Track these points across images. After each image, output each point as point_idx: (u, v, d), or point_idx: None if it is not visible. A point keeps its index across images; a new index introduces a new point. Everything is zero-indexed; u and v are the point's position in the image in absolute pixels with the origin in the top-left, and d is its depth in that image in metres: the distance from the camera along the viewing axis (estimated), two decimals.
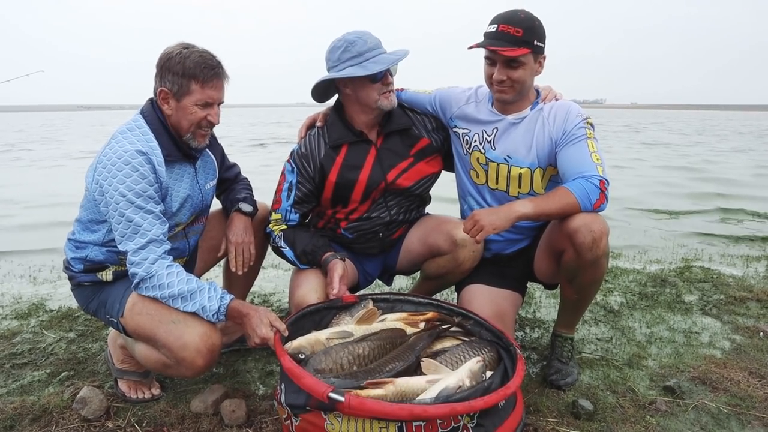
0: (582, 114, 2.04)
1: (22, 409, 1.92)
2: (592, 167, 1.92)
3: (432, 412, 1.35)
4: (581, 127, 2.01)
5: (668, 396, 2.06)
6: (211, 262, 2.28)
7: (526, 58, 1.95)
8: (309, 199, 2.20)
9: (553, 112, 2.07)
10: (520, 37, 1.93)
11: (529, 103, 2.13)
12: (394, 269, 2.44)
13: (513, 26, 1.93)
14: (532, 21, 1.96)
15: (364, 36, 2.04)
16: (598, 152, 1.98)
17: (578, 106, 2.08)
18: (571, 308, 2.18)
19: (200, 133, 1.85)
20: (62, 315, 2.86)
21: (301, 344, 1.72)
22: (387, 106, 2.09)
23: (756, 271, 3.79)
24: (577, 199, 1.87)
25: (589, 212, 1.88)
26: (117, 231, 1.73)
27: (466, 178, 2.28)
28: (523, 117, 2.12)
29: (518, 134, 2.11)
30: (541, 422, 1.87)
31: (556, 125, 2.04)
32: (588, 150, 1.97)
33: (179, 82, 1.75)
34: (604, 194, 1.89)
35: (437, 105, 2.29)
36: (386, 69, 2.03)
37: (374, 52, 2.03)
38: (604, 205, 1.90)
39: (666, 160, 12.51)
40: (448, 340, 1.88)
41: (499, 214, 1.86)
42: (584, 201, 1.87)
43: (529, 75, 2.01)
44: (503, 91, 2.04)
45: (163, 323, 1.73)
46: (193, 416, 1.90)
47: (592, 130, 2.03)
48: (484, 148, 2.17)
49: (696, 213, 6.25)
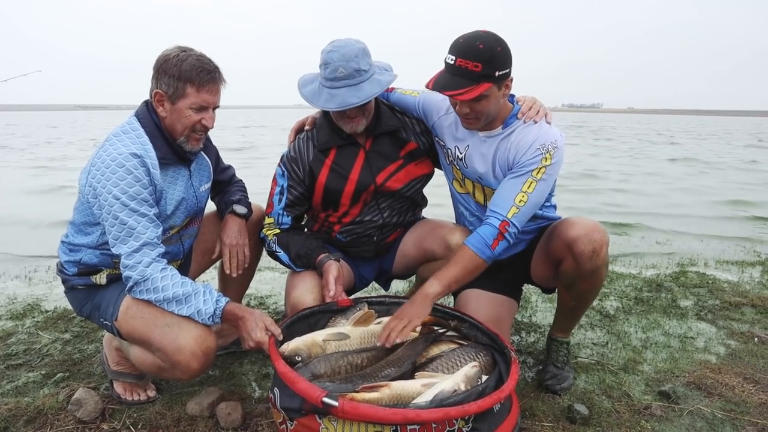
0: (545, 148, 1.90)
1: (16, 410, 1.91)
2: (506, 207, 1.88)
3: (425, 417, 1.36)
4: (533, 163, 1.90)
5: (663, 401, 2.06)
6: (205, 265, 2.28)
7: (489, 91, 1.82)
8: (300, 203, 2.20)
9: (518, 139, 1.96)
10: (479, 72, 1.77)
11: (500, 122, 2.01)
12: (390, 273, 2.44)
13: (471, 61, 1.77)
14: (491, 52, 1.78)
15: (343, 60, 1.91)
16: (530, 194, 1.88)
17: (552, 134, 1.93)
18: (568, 314, 2.18)
19: (194, 136, 1.85)
20: (58, 316, 2.85)
21: (298, 347, 1.71)
22: (348, 130, 2.07)
23: (751, 277, 3.80)
24: (474, 251, 1.86)
25: (587, 221, 1.86)
26: (111, 234, 1.73)
27: (451, 186, 2.28)
28: (494, 135, 2.02)
29: (488, 154, 2.03)
30: (537, 427, 1.87)
31: (517, 154, 1.94)
32: (520, 187, 1.89)
33: (175, 84, 1.75)
34: (503, 235, 1.86)
35: (421, 110, 2.25)
36: (359, 104, 1.92)
37: (340, 83, 1.92)
38: (502, 244, 1.87)
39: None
40: (444, 344, 1.88)
41: (416, 305, 1.82)
42: (482, 249, 1.86)
43: (494, 103, 1.89)
44: (470, 123, 1.96)
45: (158, 326, 1.73)
46: (189, 419, 1.89)
47: (543, 169, 1.90)
48: (458, 165, 2.14)
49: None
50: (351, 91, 1.93)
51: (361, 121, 2.05)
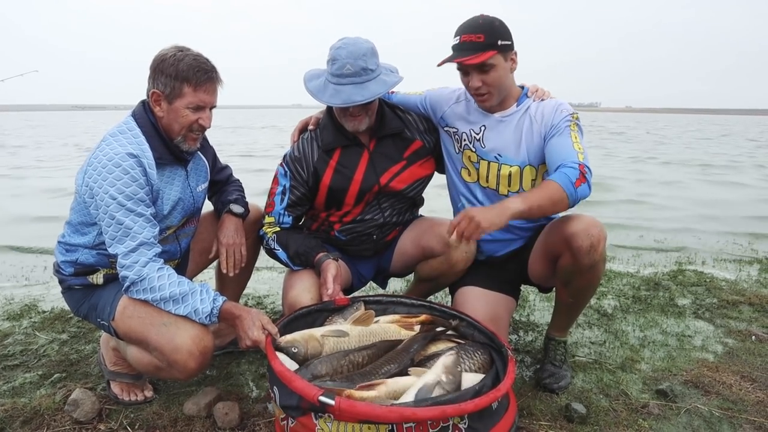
0: (568, 109, 2.07)
1: (12, 411, 1.90)
2: (573, 154, 1.94)
3: (422, 415, 1.35)
4: (567, 120, 2.03)
5: (661, 399, 2.06)
6: (202, 265, 2.27)
7: (495, 59, 1.96)
8: (302, 203, 2.20)
9: (540, 110, 2.09)
10: (483, 42, 1.94)
11: (513, 101, 2.15)
12: (388, 271, 2.44)
13: (474, 33, 1.95)
14: (491, 23, 1.97)
15: (351, 58, 1.94)
16: (581, 142, 2.00)
17: (565, 103, 2.10)
18: (565, 312, 2.18)
19: (191, 136, 1.85)
20: (55, 316, 2.84)
21: (295, 338, 1.71)
22: (350, 128, 2.08)
23: (748, 275, 3.81)
24: (559, 183, 1.84)
25: (586, 216, 1.88)
26: (107, 234, 1.72)
27: (457, 177, 2.28)
28: (510, 114, 2.14)
29: (507, 132, 2.13)
30: (534, 425, 1.87)
31: (545, 121, 2.06)
32: (570, 140, 1.99)
33: (172, 84, 1.75)
34: (584, 176, 1.87)
35: (428, 105, 2.31)
36: (363, 102, 1.94)
37: (346, 80, 1.95)
38: (585, 186, 1.86)
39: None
40: (442, 342, 1.88)
41: (493, 212, 1.78)
42: (566, 183, 1.84)
43: (503, 75, 2.02)
44: (483, 99, 2.07)
45: (155, 326, 1.73)
46: (186, 419, 1.89)
47: (577, 123, 2.05)
48: (474, 146, 2.18)
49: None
50: (356, 88, 1.95)
51: (364, 119, 2.05)
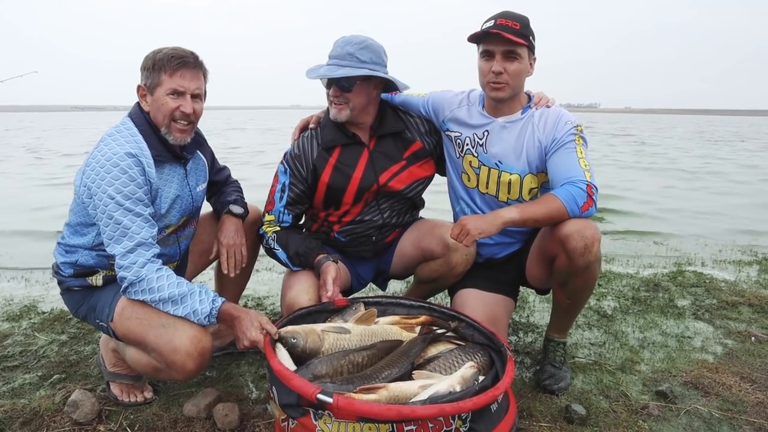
0: (573, 121, 2.05)
1: (12, 412, 1.90)
2: (580, 172, 1.93)
3: (420, 413, 1.35)
4: (571, 134, 2.02)
5: (661, 401, 2.06)
6: (201, 266, 2.27)
7: (523, 51, 1.99)
8: (302, 200, 2.20)
9: (544, 118, 2.09)
10: (519, 30, 1.97)
11: (520, 107, 2.14)
12: (388, 273, 2.44)
13: (511, 20, 1.97)
14: (527, 19, 2.00)
15: (344, 43, 2.02)
16: (587, 158, 1.99)
17: (569, 113, 2.09)
18: (563, 313, 2.18)
19: (176, 126, 1.83)
20: (54, 317, 2.84)
21: (295, 330, 1.71)
22: (333, 116, 2.10)
23: (748, 276, 3.81)
24: (563, 203, 1.87)
25: (580, 218, 1.89)
26: (105, 234, 1.72)
27: (457, 181, 2.29)
28: (514, 120, 2.13)
29: (509, 139, 2.12)
30: (534, 427, 1.87)
31: (546, 131, 2.06)
32: (576, 156, 1.98)
33: (152, 76, 1.79)
34: (592, 198, 1.90)
35: (430, 108, 2.31)
36: (326, 77, 2.02)
37: (332, 61, 2.02)
38: (592, 209, 1.90)
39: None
40: (441, 344, 1.88)
41: (486, 220, 1.88)
42: (571, 205, 1.87)
43: (523, 71, 2.03)
44: (499, 87, 2.03)
45: (153, 327, 1.72)
46: (186, 420, 1.88)
47: (581, 136, 2.04)
48: (476, 151, 2.17)
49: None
50: (333, 68, 2.01)
51: (344, 110, 2.07)
